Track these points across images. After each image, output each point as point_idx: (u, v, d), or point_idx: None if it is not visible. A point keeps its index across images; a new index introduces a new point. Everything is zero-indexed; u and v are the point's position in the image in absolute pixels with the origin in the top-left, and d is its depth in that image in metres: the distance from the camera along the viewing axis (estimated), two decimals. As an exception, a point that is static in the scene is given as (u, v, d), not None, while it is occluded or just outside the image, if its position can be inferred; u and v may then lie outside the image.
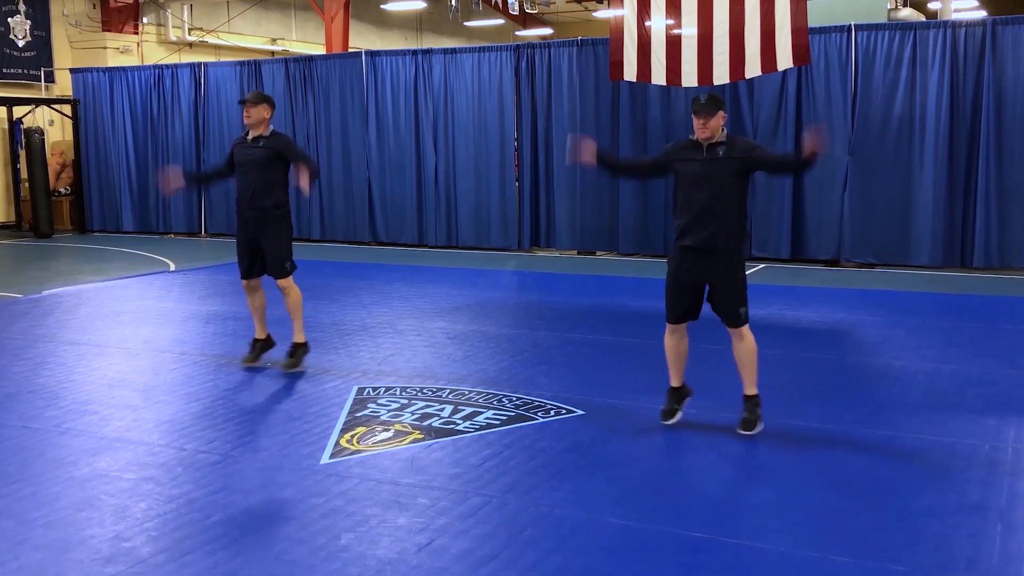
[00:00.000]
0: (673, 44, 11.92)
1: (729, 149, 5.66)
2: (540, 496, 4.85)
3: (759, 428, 5.77)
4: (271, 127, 7.38)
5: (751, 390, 5.83)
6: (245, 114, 7.31)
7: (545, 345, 8.28)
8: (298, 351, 7.48)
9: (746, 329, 5.76)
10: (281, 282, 7.38)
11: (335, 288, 11.21)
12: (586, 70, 14.07)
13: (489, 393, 6.71)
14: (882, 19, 13.68)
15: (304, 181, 7.04)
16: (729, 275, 5.72)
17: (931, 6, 20.81)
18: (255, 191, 7.28)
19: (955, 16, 17.11)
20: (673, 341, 5.92)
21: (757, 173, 6.12)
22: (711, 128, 5.64)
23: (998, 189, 12.06)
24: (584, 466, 5.29)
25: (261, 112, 7.29)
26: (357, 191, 15.87)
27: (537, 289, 11.96)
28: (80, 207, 18.29)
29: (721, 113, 5.67)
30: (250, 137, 7.37)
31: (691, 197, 5.68)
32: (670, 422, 5.95)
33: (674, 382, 6.02)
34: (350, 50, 18.16)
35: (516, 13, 20.99)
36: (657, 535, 4.40)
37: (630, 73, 12.32)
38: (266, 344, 7.66)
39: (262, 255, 7.41)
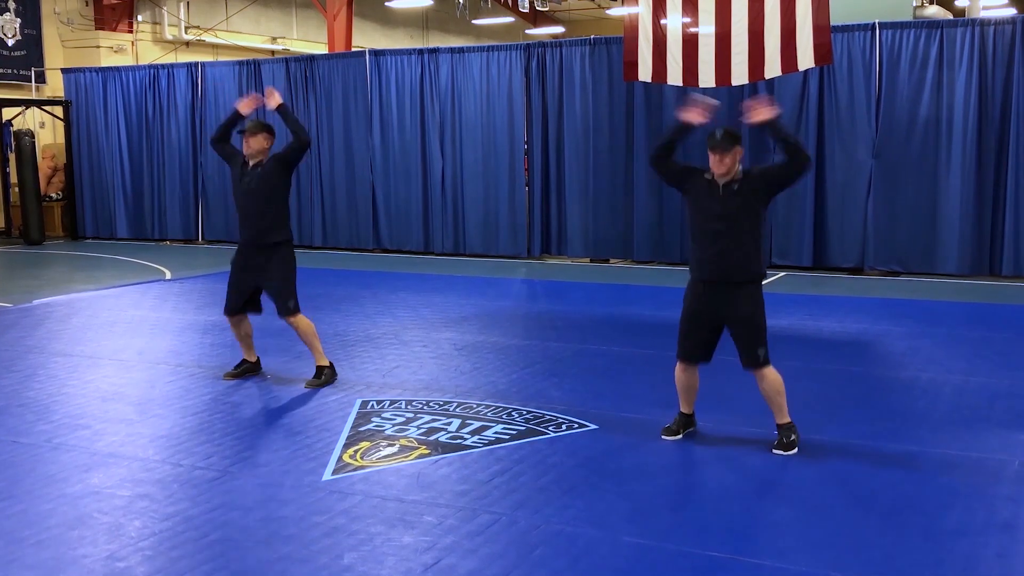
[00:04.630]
0: (690, 43, 11.76)
1: (745, 185, 5.53)
2: (551, 514, 4.80)
3: (795, 450, 5.64)
4: (271, 154, 7.20)
5: (783, 419, 5.71)
6: (244, 144, 7.14)
7: (557, 357, 8.21)
8: (324, 372, 7.34)
9: (767, 369, 5.63)
10: (288, 320, 7.26)
11: (338, 297, 11.16)
12: (599, 70, 13.94)
13: (498, 407, 6.65)
14: (907, 17, 13.54)
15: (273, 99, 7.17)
16: (747, 312, 5.59)
17: (958, 3, 20.62)
18: (257, 218, 7.12)
19: (983, 14, 16.95)
20: (684, 376, 5.87)
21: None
22: (727, 165, 5.48)
23: (1028, 194, 11.89)
24: (597, 482, 5.24)
25: (260, 142, 7.11)
26: (361, 196, 15.74)
27: (548, 298, 11.89)
28: (72, 213, 18.08)
29: (738, 149, 5.50)
30: (251, 164, 7.20)
31: (706, 233, 5.59)
32: (670, 439, 5.89)
33: (684, 409, 5.98)
34: (353, 49, 18.12)
35: (526, 11, 20.95)
36: (673, 554, 4.36)
37: (645, 73, 12.18)
38: (253, 368, 7.57)
39: (257, 293, 7.29)
